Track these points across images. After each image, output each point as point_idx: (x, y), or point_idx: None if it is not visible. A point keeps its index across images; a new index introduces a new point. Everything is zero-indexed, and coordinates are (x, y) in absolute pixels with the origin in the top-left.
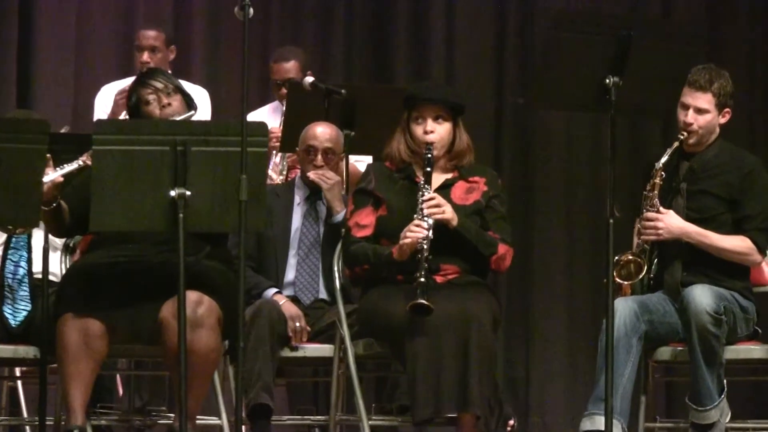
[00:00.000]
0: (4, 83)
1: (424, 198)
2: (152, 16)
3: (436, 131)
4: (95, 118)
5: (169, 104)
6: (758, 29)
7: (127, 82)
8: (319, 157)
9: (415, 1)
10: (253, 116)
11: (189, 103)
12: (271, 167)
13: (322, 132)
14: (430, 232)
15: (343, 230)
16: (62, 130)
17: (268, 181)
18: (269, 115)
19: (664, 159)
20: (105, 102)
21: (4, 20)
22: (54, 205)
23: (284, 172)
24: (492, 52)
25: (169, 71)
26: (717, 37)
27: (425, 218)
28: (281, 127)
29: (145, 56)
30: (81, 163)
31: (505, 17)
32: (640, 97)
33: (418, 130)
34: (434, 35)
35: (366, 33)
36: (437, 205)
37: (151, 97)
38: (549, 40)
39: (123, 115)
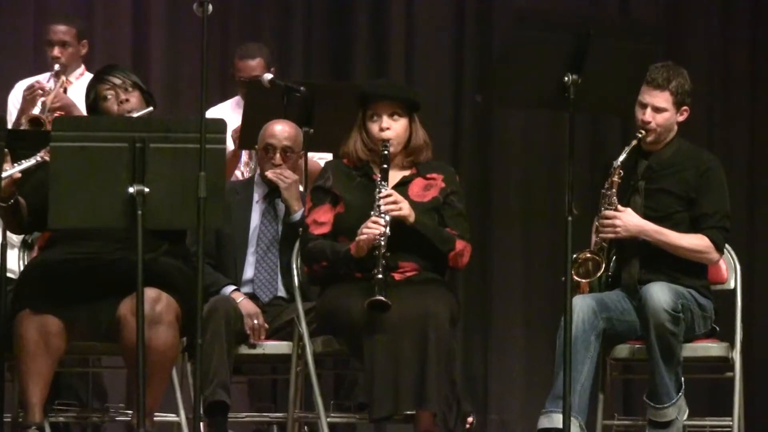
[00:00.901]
0: None
1: (381, 195)
2: (111, 14)
3: (392, 128)
4: (8, 115)
5: (127, 100)
6: (715, 25)
7: (43, 79)
8: (278, 155)
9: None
10: (214, 111)
11: (147, 100)
12: (242, 164)
13: (281, 130)
14: (387, 228)
15: (300, 228)
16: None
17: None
18: (231, 111)
19: (622, 157)
20: (17, 98)
21: None
22: (12, 201)
23: (255, 169)
24: (451, 50)
25: (82, 66)
26: (674, 34)
27: (382, 215)
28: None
29: (56, 51)
30: (39, 159)
31: (464, 14)
32: (599, 95)
33: (374, 127)
34: (393, 32)
35: (325, 29)
36: (394, 202)
37: (109, 93)
38: (507, 37)
39: (35, 110)
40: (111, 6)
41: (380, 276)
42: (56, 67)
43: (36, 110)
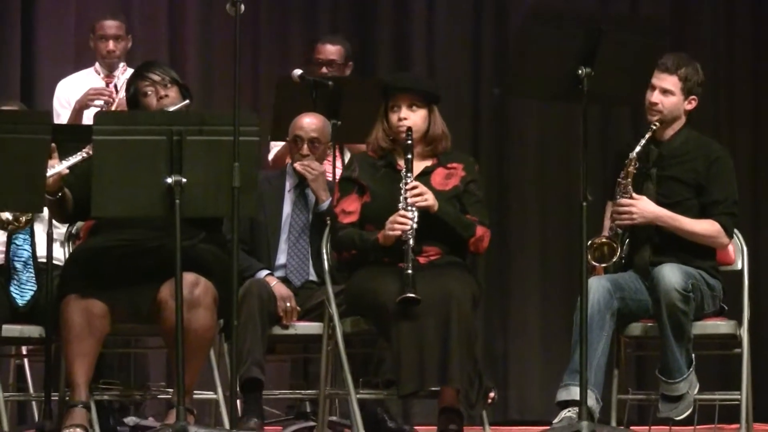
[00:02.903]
0: (9, 84)
1: (407, 187)
2: (147, 14)
3: (410, 118)
4: (54, 114)
5: (166, 95)
6: (720, 23)
7: (85, 75)
8: (306, 146)
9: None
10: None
11: (184, 94)
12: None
13: (309, 122)
14: (415, 222)
15: (328, 218)
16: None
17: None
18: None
19: (638, 149)
20: (65, 97)
21: (7, 23)
22: (59, 194)
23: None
24: (469, 45)
25: (124, 62)
26: (680, 31)
27: (410, 208)
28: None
29: (111, 45)
30: (85, 154)
31: (482, 12)
32: (610, 87)
33: (394, 117)
34: (415, 30)
35: (350, 28)
36: (420, 194)
37: (149, 89)
38: (523, 32)
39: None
40: (148, 4)
41: (410, 271)
42: (121, 65)
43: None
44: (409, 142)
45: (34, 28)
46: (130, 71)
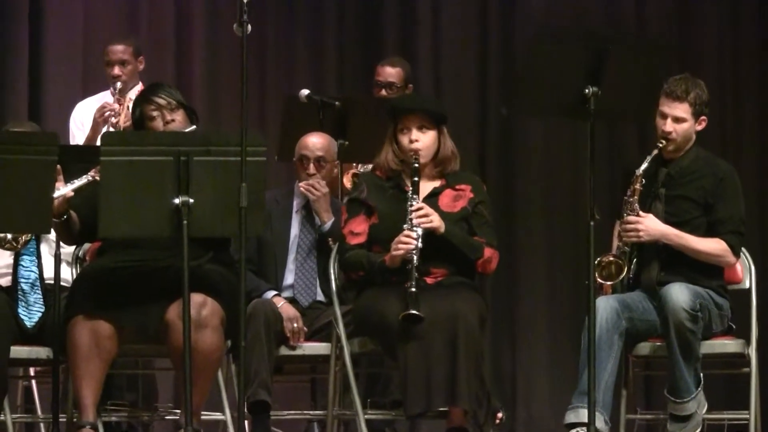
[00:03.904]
0: (17, 106)
1: (413, 208)
2: (154, 36)
3: (421, 140)
4: (70, 135)
5: (173, 120)
6: (727, 40)
7: (101, 98)
8: (312, 165)
9: (402, 17)
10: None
11: (191, 117)
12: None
13: (314, 142)
14: (419, 241)
15: (329, 239)
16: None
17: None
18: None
19: (644, 166)
20: (80, 119)
21: (15, 46)
22: (65, 217)
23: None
24: (476, 64)
25: (140, 82)
26: (688, 48)
27: (414, 228)
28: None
29: (116, 70)
30: (90, 177)
31: (488, 31)
32: (617, 105)
33: (404, 139)
34: (421, 49)
35: (356, 50)
36: (425, 215)
37: (155, 113)
38: (530, 51)
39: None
40: (155, 26)
41: (413, 290)
42: (118, 85)
43: (107, 130)
44: (416, 165)
45: (42, 51)
46: None
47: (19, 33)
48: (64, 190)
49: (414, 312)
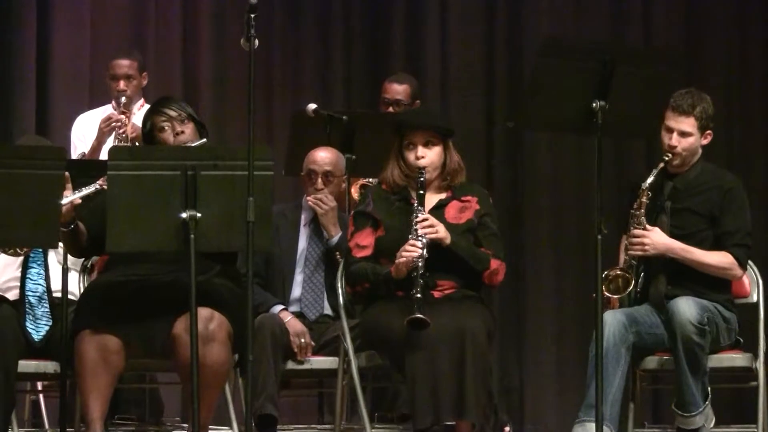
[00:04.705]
0: (24, 120)
1: (418, 219)
2: (161, 49)
3: (427, 156)
4: (72, 147)
5: (182, 132)
6: (734, 54)
7: (103, 110)
8: (320, 180)
9: (409, 31)
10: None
11: (200, 131)
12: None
13: (322, 157)
14: (425, 250)
15: (337, 253)
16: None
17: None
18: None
19: (650, 180)
20: (82, 131)
21: (23, 59)
22: (72, 226)
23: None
24: (483, 78)
25: (141, 98)
26: (694, 61)
27: (419, 237)
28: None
29: (122, 84)
30: (98, 186)
31: (495, 46)
32: (624, 119)
33: (410, 155)
34: (428, 63)
35: (364, 66)
36: (430, 225)
37: (166, 125)
38: (537, 65)
39: (111, 142)
40: (162, 40)
41: (419, 295)
42: (122, 99)
43: (112, 141)
44: (422, 179)
45: (49, 64)
46: (147, 107)
47: (27, 48)
48: (71, 197)
49: (419, 316)
